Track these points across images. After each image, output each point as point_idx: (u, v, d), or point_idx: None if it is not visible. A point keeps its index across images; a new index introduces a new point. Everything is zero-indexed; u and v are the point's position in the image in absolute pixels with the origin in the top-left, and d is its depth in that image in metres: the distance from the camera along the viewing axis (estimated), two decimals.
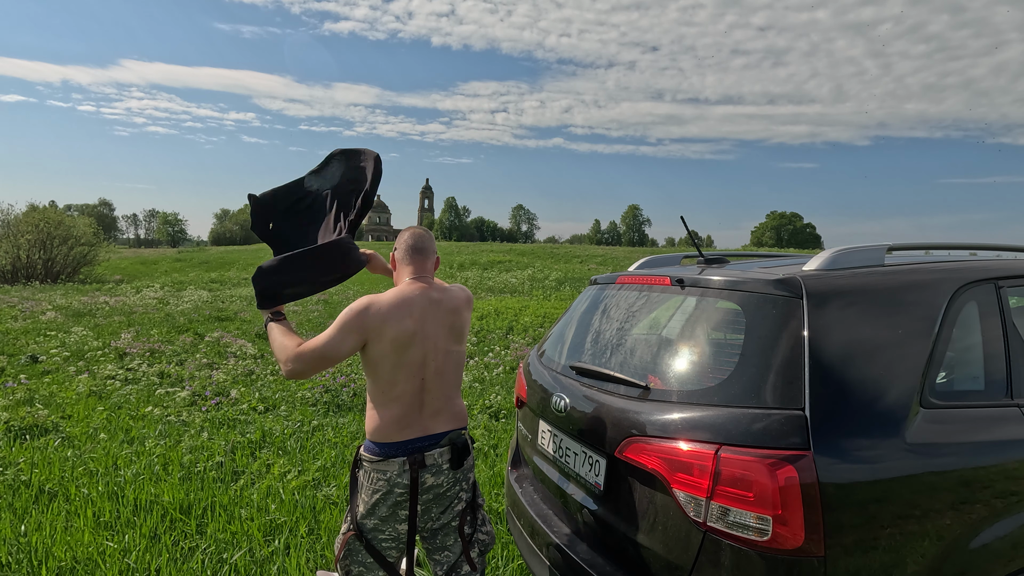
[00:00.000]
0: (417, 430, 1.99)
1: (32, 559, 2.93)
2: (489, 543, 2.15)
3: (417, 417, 1.99)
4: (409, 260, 2.13)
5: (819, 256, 1.88)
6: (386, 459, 1.96)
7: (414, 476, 1.95)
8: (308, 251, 2.07)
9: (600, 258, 41.11)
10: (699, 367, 1.84)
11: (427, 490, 1.99)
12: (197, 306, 15.57)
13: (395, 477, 1.95)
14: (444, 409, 2.04)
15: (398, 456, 1.96)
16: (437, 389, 2.02)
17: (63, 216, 28.94)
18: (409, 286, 2.05)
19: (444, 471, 2.01)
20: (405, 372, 1.96)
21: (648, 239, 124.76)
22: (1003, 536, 1.63)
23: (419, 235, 2.17)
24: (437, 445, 2.01)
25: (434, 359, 2.01)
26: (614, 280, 2.49)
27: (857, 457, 1.51)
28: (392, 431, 1.97)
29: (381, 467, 1.97)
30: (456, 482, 2.05)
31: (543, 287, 23.03)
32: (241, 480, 3.99)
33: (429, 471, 1.98)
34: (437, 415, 2.02)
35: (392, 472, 1.96)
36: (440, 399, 2.03)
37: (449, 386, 2.06)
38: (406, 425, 1.97)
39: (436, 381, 2.02)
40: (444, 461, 2.01)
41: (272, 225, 2.23)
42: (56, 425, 5.08)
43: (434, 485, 2.00)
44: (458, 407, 2.10)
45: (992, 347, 1.85)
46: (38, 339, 9.60)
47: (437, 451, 2.00)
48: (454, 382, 2.09)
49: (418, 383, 1.99)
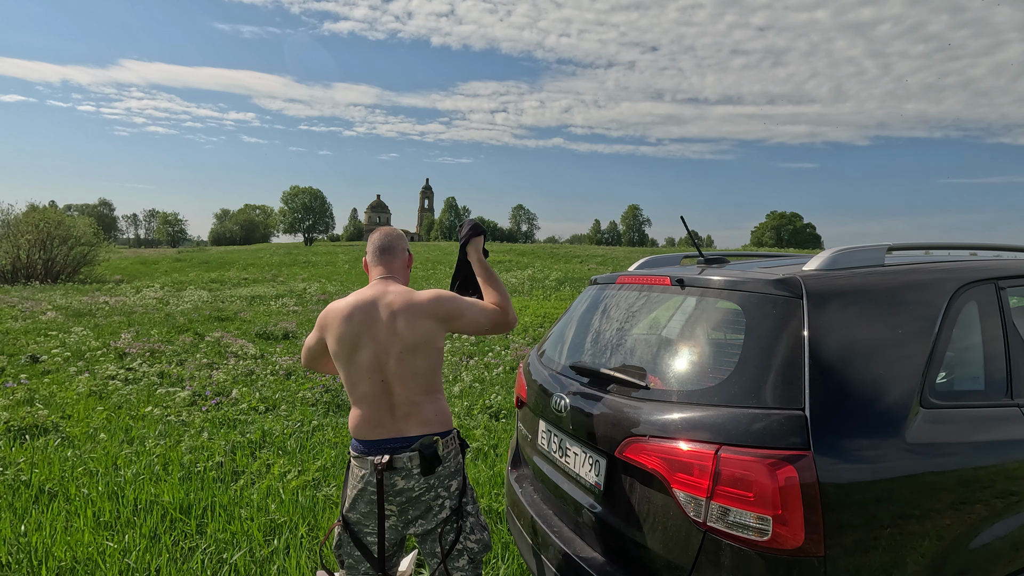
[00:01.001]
0: (390, 431, 1.99)
1: (32, 559, 2.93)
2: (479, 551, 2.06)
3: (388, 418, 1.99)
4: (377, 260, 2.16)
5: (819, 256, 1.88)
6: (362, 456, 2.00)
7: (379, 478, 1.94)
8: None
9: (600, 258, 41.12)
10: (699, 367, 1.84)
11: (399, 492, 1.97)
12: (197, 306, 15.58)
13: (368, 476, 1.98)
14: (413, 413, 2.00)
15: (371, 455, 1.98)
16: (402, 393, 1.98)
17: (63, 216, 28.94)
18: (369, 288, 2.08)
19: (415, 476, 1.97)
20: (360, 373, 1.98)
21: (648, 239, 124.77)
22: (1003, 536, 1.63)
23: (386, 233, 2.20)
24: (407, 448, 1.98)
25: (387, 362, 1.96)
26: (614, 280, 2.49)
27: (857, 457, 1.51)
28: (365, 429, 2.00)
29: (359, 463, 2.01)
30: (431, 488, 2.00)
31: (543, 287, 23.03)
32: (241, 480, 3.99)
33: (399, 474, 1.96)
34: (408, 417, 2.00)
35: (366, 470, 1.99)
36: (407, 402, 1.99)
37: (416, 391, 1.99)
38: (377, 424, 1.99)
39: (399, 384, 1.97)
40: (414, 466, 1.97)
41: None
42: (56, 425, 5.08)
43: (405, 488, 1.98)
44: (431, 412, 2.02)
45: (992, 347, 1.85)
46: (38, 339, 9.60)
47: (407, 455, 1.97)
48: (423, 387, 2.00)
49: (378, 385, 1.97)
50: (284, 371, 7.46)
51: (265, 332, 10.78)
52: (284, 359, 8.15)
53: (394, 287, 2.06)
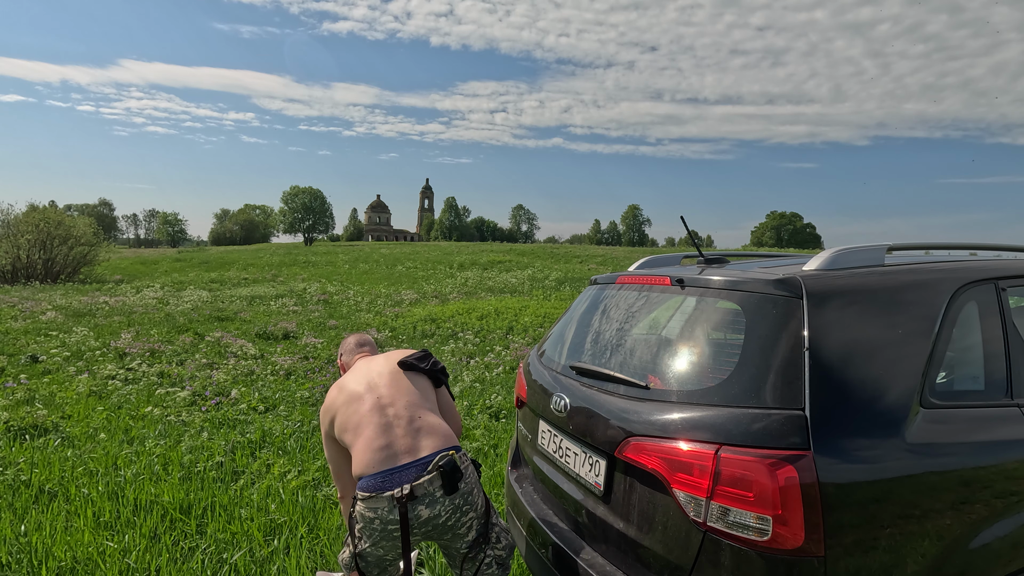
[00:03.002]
0: (405, 455, 2.00)
1: (32, 559, 2.93)
2: (507, 556, 2.15)
3: (398, 439, 2.03)
4: (355, 352, 2.58)
5: (819, 256, 1.88)
6: (376, 495, 1.94)
7: (403, 512, 1.91)
8: None
9: (600, 258, 41.11)
10: (699, 367, 1.84)
11: (424, 523, 1.95)
12: (197, 306, 15.57)
13: (386, 514, 1.92)
14: (423, 426, 2.07)
15: (387, 489, 1.93)
16: (402, 406, 2.12)
17: (63, 216, 28.91)
18: (356, 363, 2.46)
19: (439, 499, 1.95)
20: (367, 416, 2.10)
21: (648, 239, 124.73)
22: (1003, 536, 1.63)
23: (359, 336, 2.67)
24: (425, 472, 1.97)
25: (376, 383, 2.21)
26: (614, 280, 2.49)
27: (857, 457, 1.51)
28: (376, 461, 1.99)
29: (372, 504, 1.95)
30: (456, 509, 1.98)
31: (543, 287, 23.02)
32: (241, 480, 3.99)
33: (421, 503, 1.93)
34: (418, 433, 2.04)
35: (382, 508, 1.93)
36: (411, 418, 2.10)
37: (415, 402, 2.15)
38: (389, 451, 2.01)
39: (398, 399, 2.14)
40: (436, 488, 1.95)
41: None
42: (56, 425, 5.08)
43: (431, 517, 1.94)
44: (440, 425, 2.14)
45: (992, 347, 1.85)
46: (38, 339, 9.60)
47: (426, 479, 1.94)
48: (419, 397, 2.20)
49: (373, 401, 2.14)
50: (284, 371, 7.46)
51: (265, 332, 10.78)
52: (284, 359, 8.15)
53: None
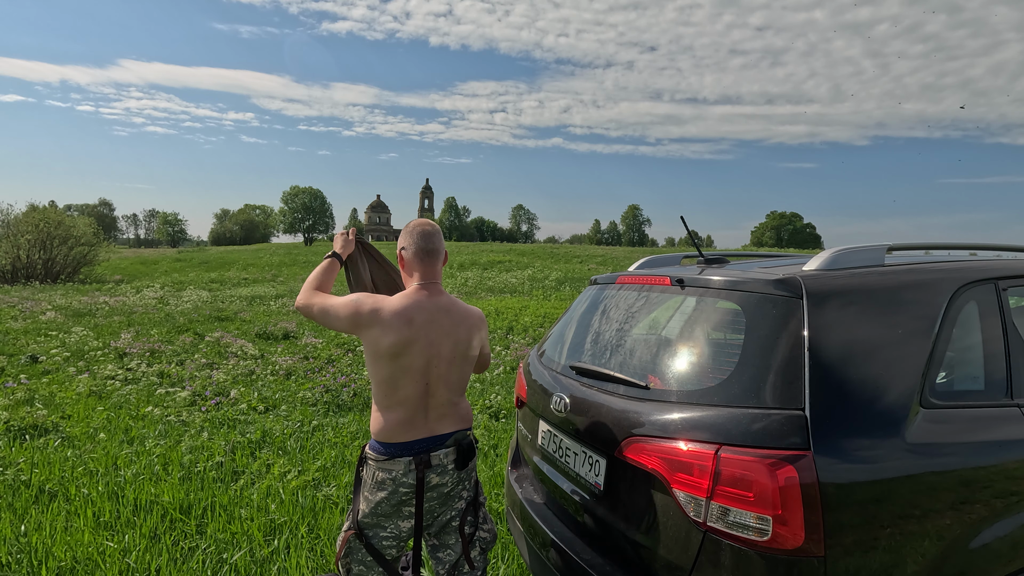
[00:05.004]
0: (423, 431, 2.00)
1: (32, 559, 2.93)
2: (491, 541, 2.16)
3: (423, 419, 2.00)
4: (419, 263, 2.04)
5: (819, 256, 1.88)
6: (391, 458, 1.98)
7: (420, 476, 1.96)
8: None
9: (600, 258, 41.12)
10: (699, 367, 1.84)
11: (432, 489, 2.01)
12: (197, 306, 15.58)
13: (400, 476, 1.97)
14: (449, 411, 2.05)
15: (404, 456, 1.97)
16: (442, 393, 2.03)
17: (63, 216, 28.95)
18: (416, 293, 2.02)
19: (449, 471, 2.03)
20: (407, 377, 1.96)
21: (648, 239, 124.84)
22: (1003, 536, 1.63)
23: (429, 234, 2.06)
24: (443, 446, 2.02)
25: (436, 366, 2.00)
26: (614, 280, 2.49)
27: (857, 457, 1.51)
28: (398, 433, 1.98)
29: (386, 465, 1.98)
30: (459, 481, 2.07)
31: (543, 287, 23.02)
32: (241, 480, 3.99)
33: (434, 471, 2.00)
34: (443, 417, 2.03)
35: (397, 471, 1.97)
36: (445, 403, 2.04)
37: (455, 390, 2.07)
38: (412, 427, 1.99)
39: (440, 385, 2.02)
40: (449, 461, 2.02)
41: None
42: (56, 425, 5.08)
43: (439, 484, 2.02)
44: (464, 409, 2.12)
45: (992, 347, 1.85)
46: (38, 339, 9.60)
47: (443, 451, 2.01)
48: (459, 386, 2.10)
49: (422, 387, 1.99)
50: (284, 371, 7.46)
51: (265, 332, 10.79)
52: (284, 359, 8.15)
53: (447, 296, 2.09)
